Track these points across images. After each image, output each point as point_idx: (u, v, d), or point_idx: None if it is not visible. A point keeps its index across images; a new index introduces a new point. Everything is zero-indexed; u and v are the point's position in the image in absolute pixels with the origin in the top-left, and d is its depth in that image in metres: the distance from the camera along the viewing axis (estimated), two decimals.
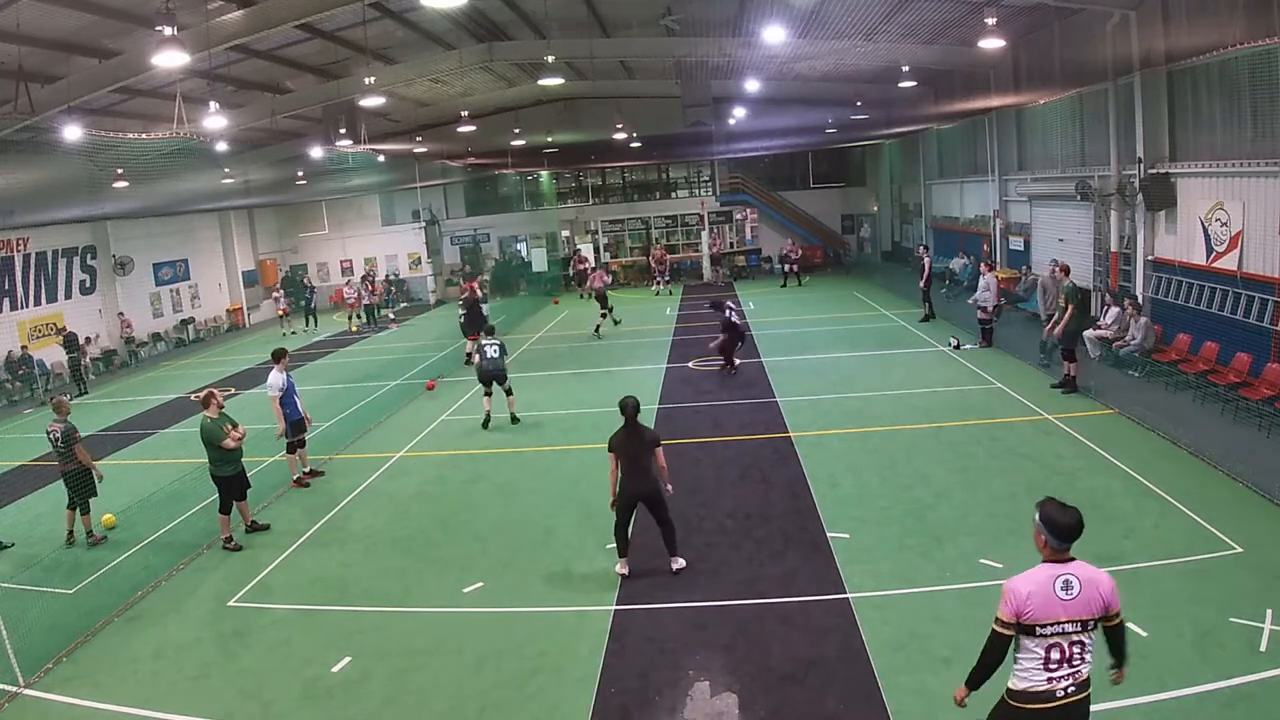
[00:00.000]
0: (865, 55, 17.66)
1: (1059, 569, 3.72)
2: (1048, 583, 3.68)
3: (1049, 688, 3.70)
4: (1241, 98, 11.25)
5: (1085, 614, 3.68)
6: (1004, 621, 3.70)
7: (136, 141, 13.53)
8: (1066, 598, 3.66)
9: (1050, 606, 3.65)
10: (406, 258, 32.60)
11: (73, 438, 9.21)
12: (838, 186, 33.71)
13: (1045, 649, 3.67)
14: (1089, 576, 3.72)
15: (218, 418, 8.84)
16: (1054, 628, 3.65)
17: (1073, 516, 3.71)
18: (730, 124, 24.59)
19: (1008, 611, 3.68)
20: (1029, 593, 3.67)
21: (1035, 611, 3.65)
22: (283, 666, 6.40)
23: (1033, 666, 3.71)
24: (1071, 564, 3.75)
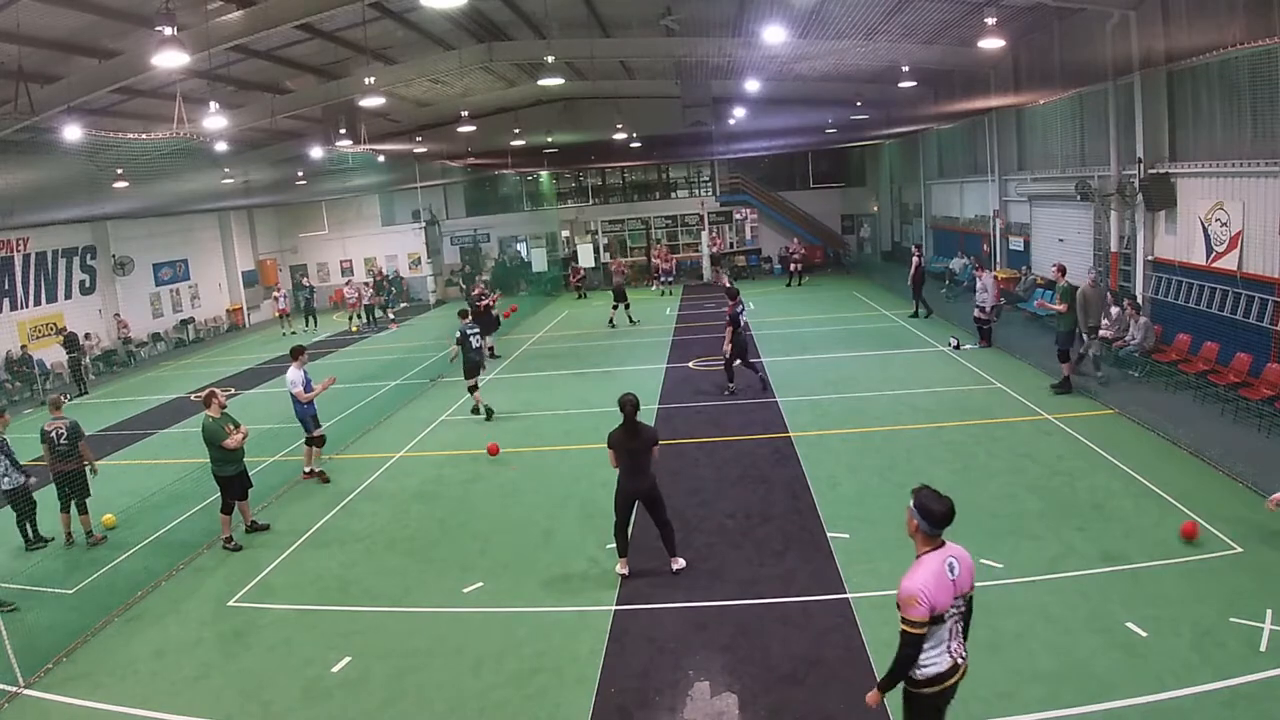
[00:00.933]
0: (865, 55, 17.65)
1: (941, 554, 3.96)
2: (940, 570, 3.91)
3: (953, 662, 3.99)
4: (1241, 98, 11.24)
5: (966, 588, 4.01)
6: (918, 622, 3.84)
7: (136, 141, 13.52)
8: (954, 578, 3.94)
9: (946, 591, 3.90)
10: (406, 258, 32.60)
11: (78, 434, 9.24)
12: (838, 186, 33.73)
13: (946, 630, 3.94)
14: (960, 554, 4.00)
15: (219, 417, 8.82)
16: (951, 609, 3.92)
17: (946, 504, 3.94)
18: (730, 124, 24.58)
19: (922, 612, 3.83)
20: (935, 588, 3.86)
21: (938, 600, 3.86)
22: (283, 666, 6.40)
23: (939, 650, 3.96)
24: (946, 547, 3.99)
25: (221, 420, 8.82)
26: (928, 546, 3.99)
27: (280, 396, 16.51)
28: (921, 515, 3.96)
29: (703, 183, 34.04)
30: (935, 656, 3.95)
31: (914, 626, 3.85)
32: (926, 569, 3.91)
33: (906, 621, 3.87)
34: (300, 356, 10.86)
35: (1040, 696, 5.24)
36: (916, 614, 3.83)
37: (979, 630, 6.01)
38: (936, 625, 3.89)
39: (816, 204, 33.06)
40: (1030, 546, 7.32)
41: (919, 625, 3.84)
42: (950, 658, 3.97)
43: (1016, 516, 8.00)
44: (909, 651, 3.90)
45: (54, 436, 9.21)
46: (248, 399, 16.73)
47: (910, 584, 3.87)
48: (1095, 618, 6.08)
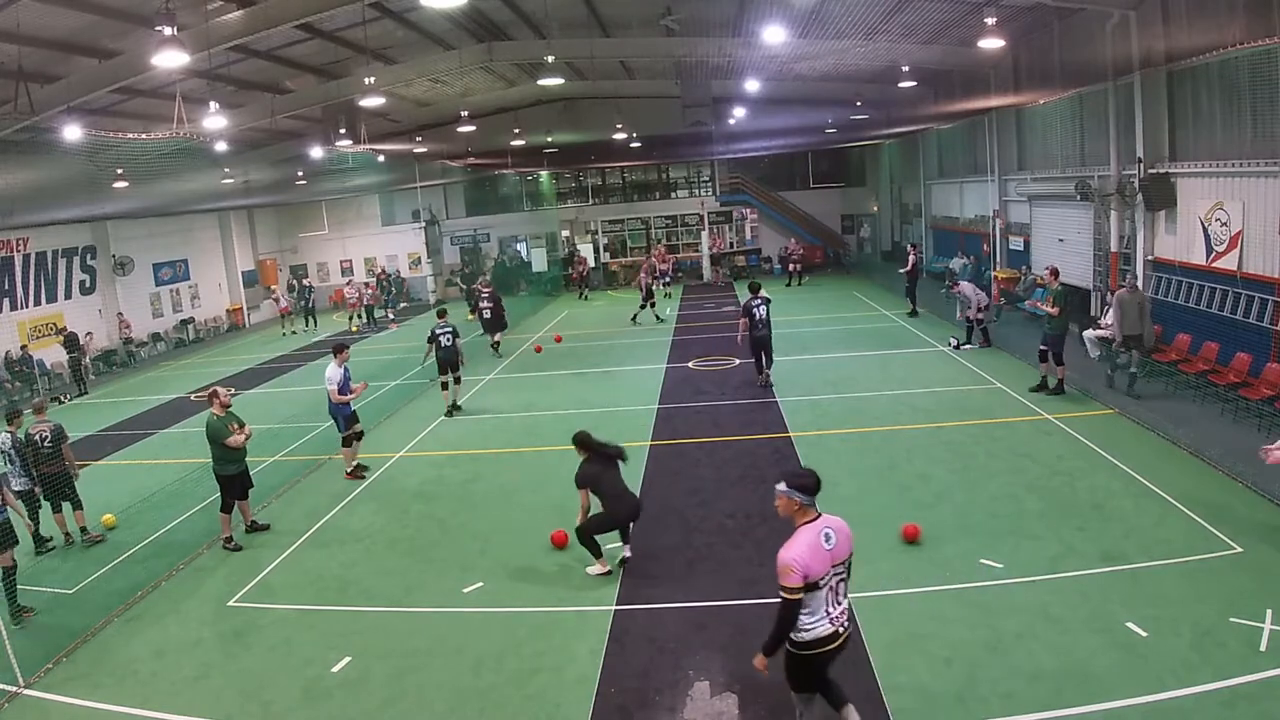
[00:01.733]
0: (865, 55, 17.65)
1: (818, 526, 4.32)
2: (815, 541, 4.25)
3: (833, 629, 4.33)
4: (1241, 98, 11.25)
5: (843, 556, 4.35)
6: (794, 589, 4.17)
7: (136, 141, 13.52)
8: (829, 547, 4.28)
9: (822, 560, 4.23)
10: (406, 258, 32.59)
11: (62, 437, 9.20)
12: (838, 186, 33.72)
13: (824, 597, 4.25)
14: (837, 524, 4.38)
15: (224, 415, 8.80)
16: (827, 576, 4.24)
17: (812, 477, 4.40)
18: (730, 124, 24.58)
19: (796, 579, 4.15)
20: (810, 558, 4.18)
21: (814, 569, 4.18)
22: (283, 666, 6.40)
23: (818, 617, 4.28)
24: (822, 518, 4.37)
25: (226, 419, 8.79)
26: (805, 519, 4.34)
27: (280, 396, 16.61)
28: (799, 491, 4.34)
29: (703, 183, 34.03)
30: (815, 622, 4.28)
31: (790, 593, 4.17)
32: (803, 540, 4.25)
33: (784, 589, 4.19)
34: (342, 354, 10.78)
35: (1040, 696, 5.24)
36: (792, 581, 4.16)
37: (979, 630, 6.05)
38: (814, 592, 4.19)
39: (816, 204, 33.06)
40: (1030, 546, 7.32)
41: (795, 591, 4.16)
42: (830, 625, 4.31)
43: (1016, 516, 8.01)
44: (787, 615, 4.22)
45: (38, 440, 9.18)
46: (248, 399, 16.71)
47: (786, 555, 4.20)
48: (1095, 618, 6.08)
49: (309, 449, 12.39)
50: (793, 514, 4.39)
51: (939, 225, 26.59)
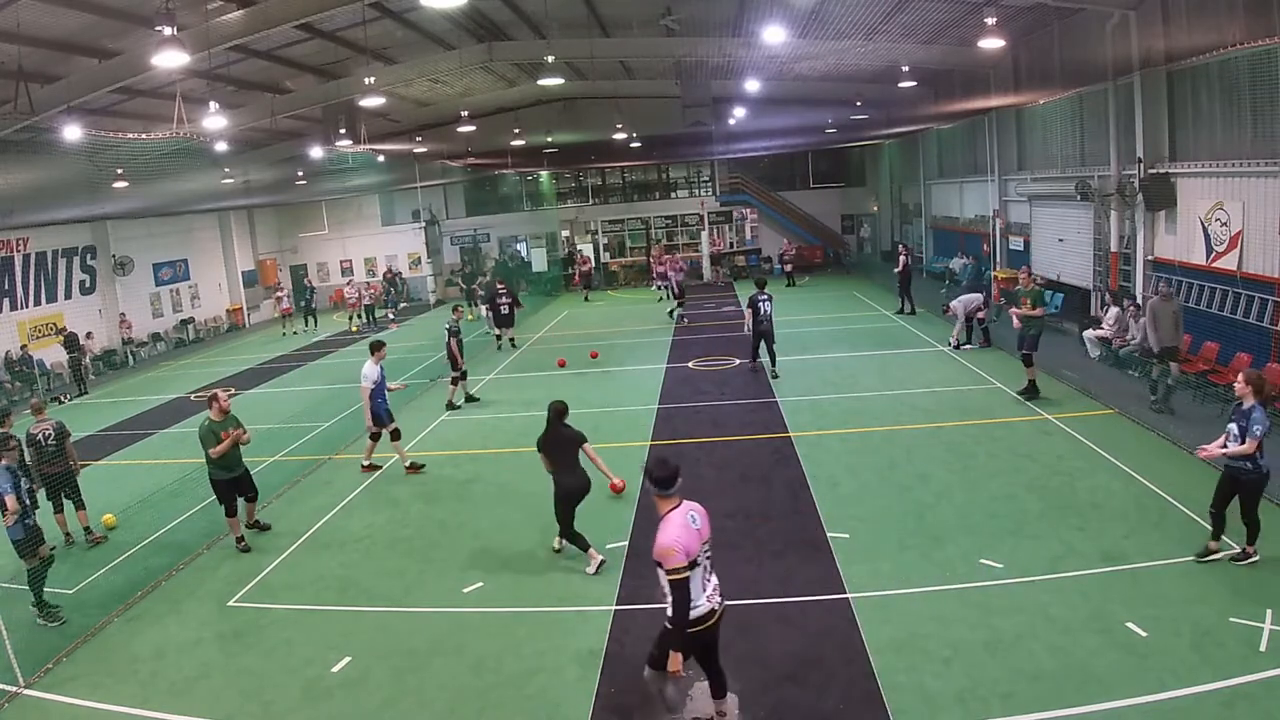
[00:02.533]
0: (865, 55, 17.65)
1: (682, 510, 4.67)
2: (684, 523, 4.59)
3: (710, 605, 4.68)
4: (1241, 98, 11.25)
5: (708, 535, 4.72)
6: (680, 568, 4.46)
7: (136, 141, 13.52)
8: (697, 527, 4.63)
9: (694, 539, 4.57)
10: (406, 258, 32.60)
11: (65, 434, 9.19)
12: (837, 186, 33.73)
13: (699, 575, 4.58)
14: (696, 507, 4.77)
15: (221, 420, 8.64)
16: (700, 555, 4.59)
17: (671, 466, 4.73)
18: (730, 124, 24.57)
19: (681, 559, 4.45)
20: (685, 539, 4.51)
21: (691, 548, 4.50)
22: (283, 666, 6.40)
23: (699, 595, 4.59)
24: (684, 503, 4.71)
25: (223, 423, 8.61)
26: (669, 506, 4.68)
27: (280, 396, 16.61)
28: (660, 485, 4.67)
29: (703, 183, 34.04)
30: (696, 601, 4.59)
31: (678, 573, 4.46)
32: (675, 524, 4.57)
33: (671, 571, 4.47)
34: (379, 352, 10.82)
35: (1040, 696, 5.24)
36: (677, 562, 4.45)
37: (979, 630, 6.05)
38: (693, 570, 4.50)
39: (816, 204, 33.07)
40: (1030, 546, 7.32)
41: (681, 571, 4.45)
42: (708, 602, 4.67)
43: (1016, 516, 8.00)
44: (680, 595, 4.48)
45: (41, 439, 9.15)
46: (248, 399, 16.71)
47: (665, 539, 4.50)
48: (1095, 618, 6.08)
49: (309, 449, 12.40)
50: (662, 507, 4.72)
51: (939, 225, 26.59)
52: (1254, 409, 6.60)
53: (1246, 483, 6.64)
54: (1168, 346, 10.96)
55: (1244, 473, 6.62)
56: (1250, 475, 6.61)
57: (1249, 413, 6.61)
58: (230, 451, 8.56)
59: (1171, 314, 11.03)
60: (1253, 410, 6.60)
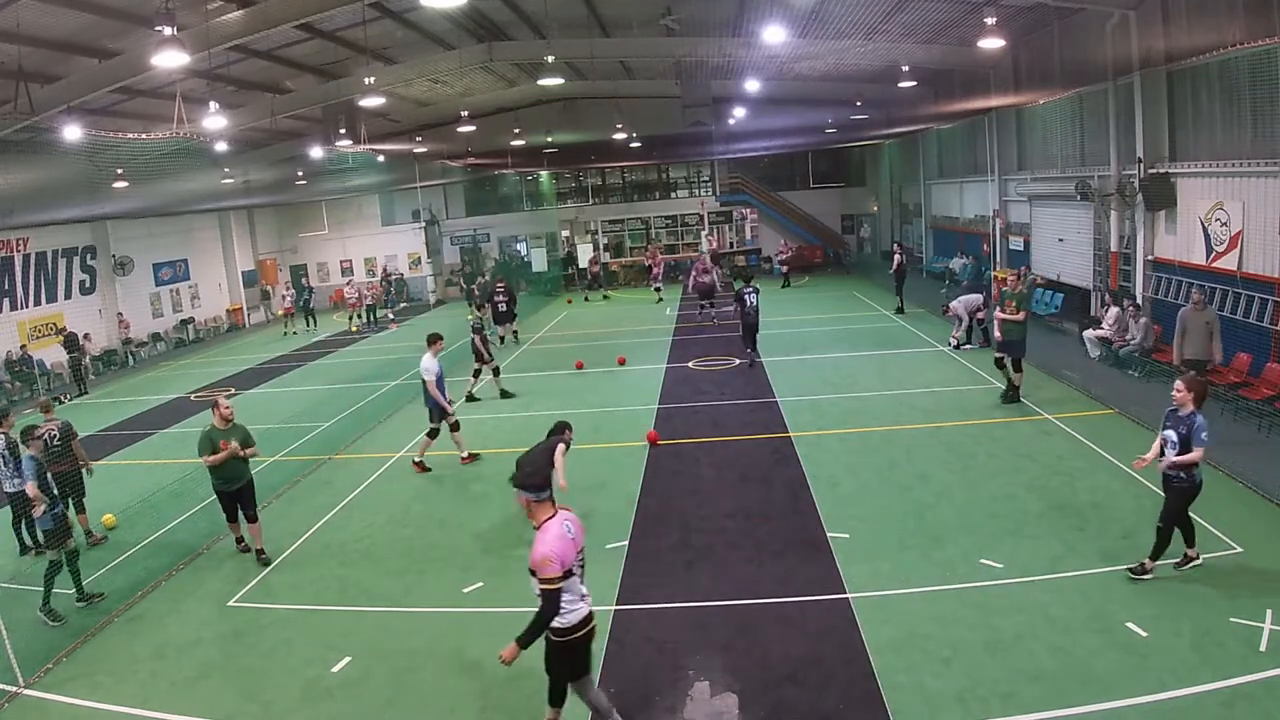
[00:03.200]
0: (865, 55, 17.65)
1: (559, 519, 4.65)
2: (561, 532, 4.59)
3: (588, 610, 4.73)
4: (1241, 98, 11.25)
5: (582, 544, 4.77)
6: (555, 579, 4.47)
7: (136, 141, 13.52)
8: (572, 536, 4.65)
9: (570, 548, 4.59)
10: (406, 258, 32.60)
11: (71, 433, 9.20)
12: (837, 186, 33.73)
13: (576, 582, 4.62)
14: (571, 516, 4.76)
15: (223, 429, 8.16)
16: (575, 564, 4.62)
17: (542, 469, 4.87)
18: (730, 124, 24.57)
19: (556, 569, 4.46)
20: (561, 549, 4.51)
21: (566, 557, 4.53)
22: (283, 666, 6.40)
23: (574, 601, 4.63)
24: (560, 512, 4.70)
25: (225, 433, 8.14)
26: (546, 514, 4.64)
27: (280, 396, 16.60)
28: (531, 490, 4.66)
29: (703, 183, 34.04)
30: (573, 606, 4.63)
31: (551, 584, 4.47)
32: (552, 533, 4.55)
33: (545, 581, 4.47)
34: (436, 344, 10.90)
35: (1040, 696, 5.24)
36: (552, 572, 4.45)
37: (979, 630, 6.05)
38: (568, 579, 4.54)
39: (816, 204, 33.06)
40: (1030, 546, 7.32)
41: (555, 581, 4.47)
42: (586, 606, 4.72)
43: (1016, 516, 8.00)
44: (549, 607, 4.51)
45: (47, 439, 9.16)
46: (248, 399, 16.71)
47: (543, 549, 4.48)
48: (1095, 618, 6.08)
49: (309, 449, 12.40)
50: (534, 513, 4.68)
51: (939, 225, 26.59)
52: (1194, 416, 6.38)
53: (1178, 489, 6.44)
54: (1191, 359, 10.11)
55: (1177, 480, 6.42)
56: (1184, 483, 6.41)
57: (1189, 420, 6.38)
58: (230, 463, 8.09)
59: (1204, 325, 10.39)
60: (1194, 417, 6.37)
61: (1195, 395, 6.47)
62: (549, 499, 4.71)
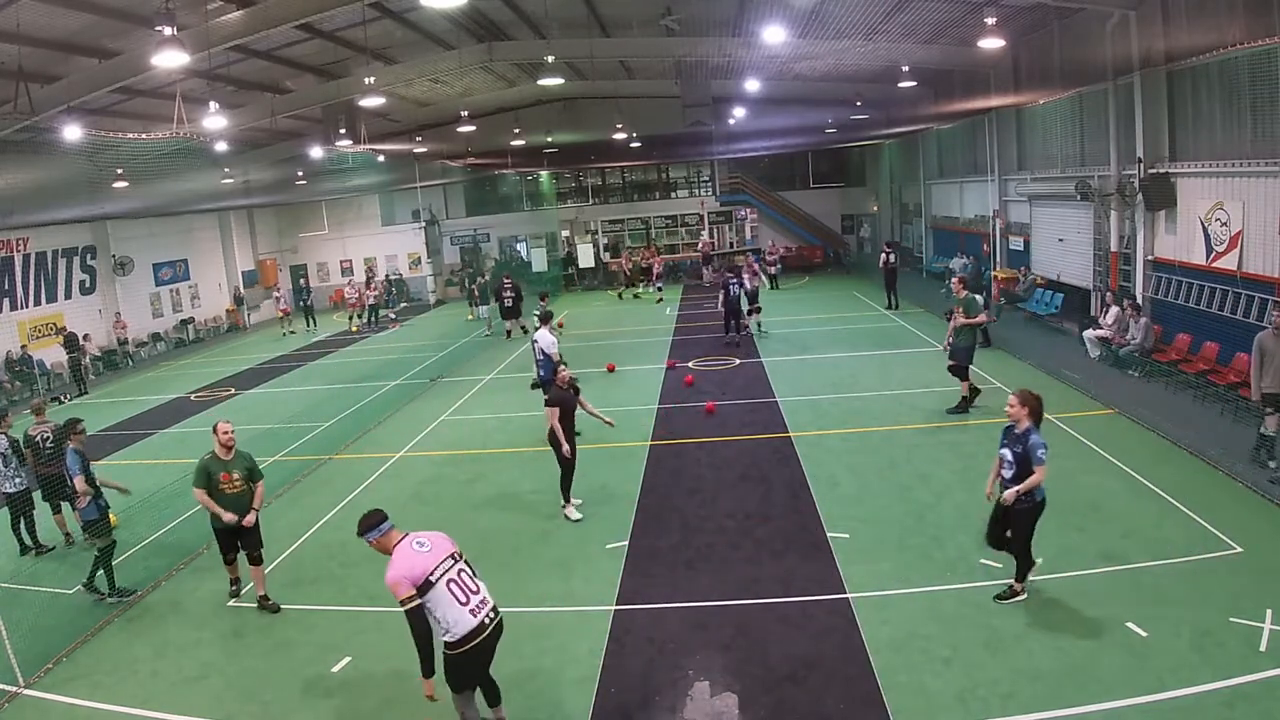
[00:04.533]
0: (865, 55, 17.66)
1: (407, 541, 4.78)
2: (409, 551, 4.70)
3: (478, 621, 4.66)
4: (1241, 98, 11.25)
5: (446, 551, 4.77)
6: (409, 598, 4.54)
7: (136, 141, 13.52)
8: (426, 550, 4.71)
9: (420, 562, 4.62)
10: (406, 258, 32.60)
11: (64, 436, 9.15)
12: (837, 186, 33.74)
13: (448, 589, 4.61)
14: (426, 535, 4.85)
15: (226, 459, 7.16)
16: (438, 570, 4.62)
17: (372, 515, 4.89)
18: (730, 124, 24.58)
19: (406, 589, 4.55)
20: (407, 567, 4.61)
21: (415, 573, 4.57)
22: (283, 666, 6.40)
23: (454, 613, 4.60)
24: (408, 535, 4.83)
25: (226, 463, 7.12)
26: (393, 542, 4.80)
27: (280, 396, 16.61)
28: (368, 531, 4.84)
29: (703, 183, 34.04)
30: (455, 618, 4.60)
31: (408, 602, 4.53)
32: (398, 557, 4.69)
33: (402, 603, 4.56)
34: (551, 320, 12.27)
35: (1040, 696, 5.24)
36: (404, 593, 4.54)
37: (979, 630, 6.04)
38: (430, 591, 4.57)
39: (816, 204, 33.07)
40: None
41: (410, 600, 4.53)
42: (474, 618, 4.64)
43: None
44: (418, 625, 4.56)
45: (39, 441, 9.16)
46: (248, 399, 16.73)
47: (390, 575, 4.62)
48: (1095, 618, 6.08)
49: (309, 449, 12.40)
50: (382, 548, 4.84)
51: (939, 225, 26.59)
52: (1030, 433, 6.11)
53: (1020, 512, 6.17)
54: (1272, 392, 8.52)
55: (1018, 501, 6.15)
56: (1024, 504, 6.14)
57: (1025, 437, 6.10)
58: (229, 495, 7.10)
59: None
60: (1029, 435, 6.10)
61: (1030, 411, 6.19)
62: (389, 529, 4.86)
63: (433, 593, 4.57)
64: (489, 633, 4.72)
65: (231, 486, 7.13)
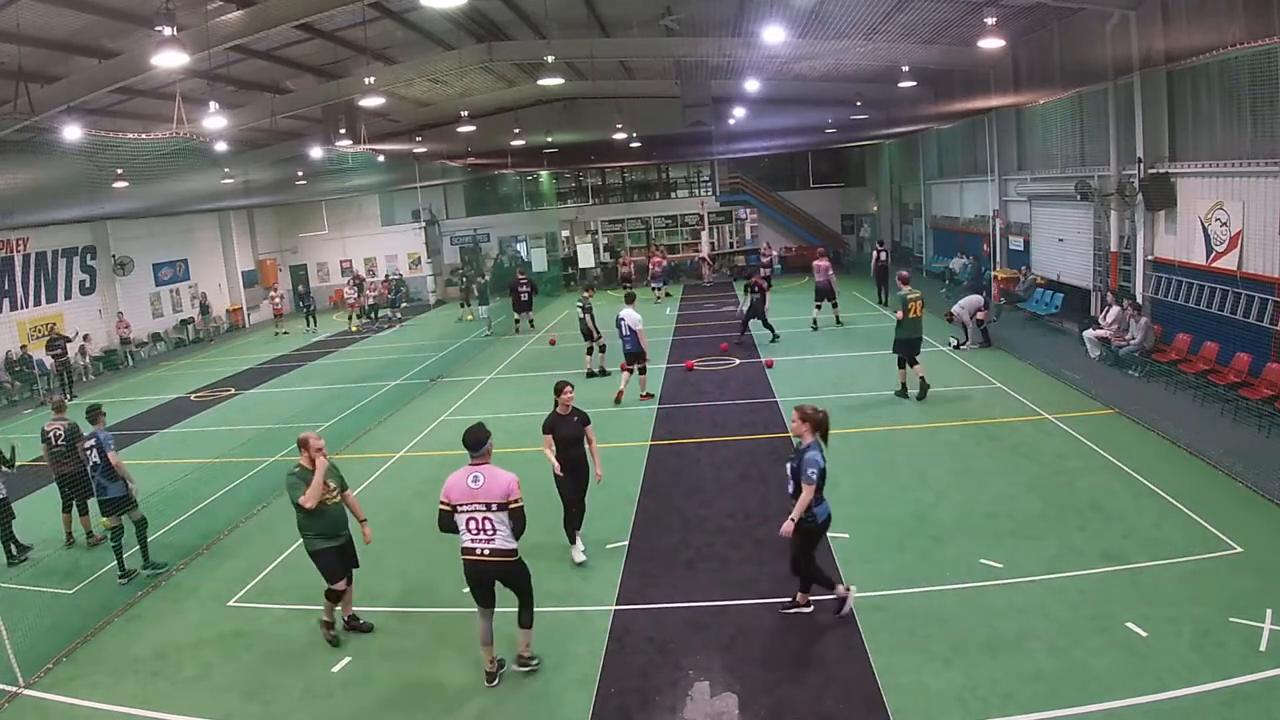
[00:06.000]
0: (865, 55, 17.65)
1: (470, 470, 5.71)
2: (463, 478, 5.68)
3: (471, 546, 5.71)
4: (1241, 98, 11.24)
5: (489, 498, 5.62)
6: (442, 502, 5.72)
7: (136, 141, 13.53)
8: (476, 487, 5.63)
9: (463, 493, 5.64)
10: (406, 258, 32.59)
11: (76, 436, 9.17)
12: (837, 186, 33.72)
13: (466, 521, 5.66)
14: (489, 471, 5.71)
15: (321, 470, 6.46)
16: (466, 506, 5.63)
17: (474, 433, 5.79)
18: (730, 124, 24.56)
19: (443, 497, 5.71)
20: (451, 484, 5.69)
21: (452, 496, 5.67)
22: (283, 666, 6.40)
23: (464, 534, 5.70)
24: (477, 465, 5.74)
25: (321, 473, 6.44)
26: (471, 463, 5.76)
27: (280, 396, 16.61)
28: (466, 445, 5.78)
29: (703, 183, 34.03)
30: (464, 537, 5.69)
31: (441, 506, 5.71)
32: (455, 475, 5.75)
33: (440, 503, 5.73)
34: (635, 300, 13.75)
35: (1040, 696, 5.24)
36: (441, 498, 5.71)
37: (979, 631, 6.04)
38: (455, 514, 5.66)
39: (816, 204, 33.06)
40: (1030, 546, 7.32)
41: (443, 505, 5.69)
42: (472, 542, 5.69)
43: (1016, 516, 8.00)
44: (442, 519, 5.72)
45: (52, 438, 9.18)
46: (248, 399, 16.74)
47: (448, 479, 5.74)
48: (1095, 618, 6.08)
49: None
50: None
51: (939, 225, 26.59)
52: (808, 449, 6.00)
53: (800, 529, 6.08)
54: None
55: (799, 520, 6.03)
56: (804, 522, 6.03)
57: (804, 454, 6.00)
58: (332, 509, 6.53)
59: None
60: (806, 451, 5.99)
61: (811, 426, 6.08)
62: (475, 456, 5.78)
63: (456, 515, 5.66)
64: (477, 561, 5.70)
65: (330, 497, 6.51)
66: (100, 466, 8.13)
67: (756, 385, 14.04)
